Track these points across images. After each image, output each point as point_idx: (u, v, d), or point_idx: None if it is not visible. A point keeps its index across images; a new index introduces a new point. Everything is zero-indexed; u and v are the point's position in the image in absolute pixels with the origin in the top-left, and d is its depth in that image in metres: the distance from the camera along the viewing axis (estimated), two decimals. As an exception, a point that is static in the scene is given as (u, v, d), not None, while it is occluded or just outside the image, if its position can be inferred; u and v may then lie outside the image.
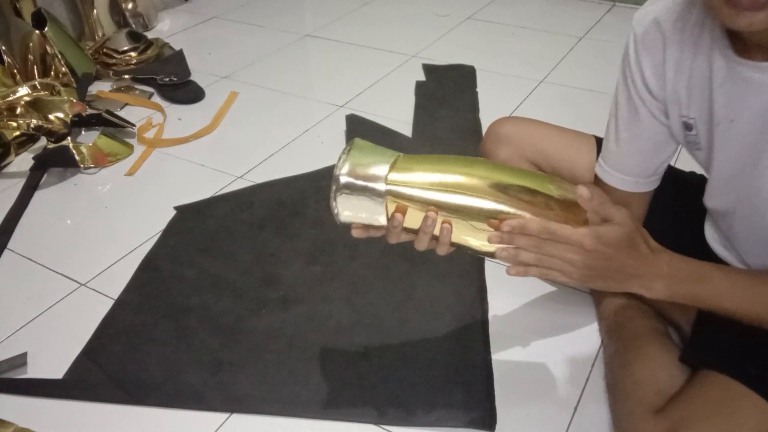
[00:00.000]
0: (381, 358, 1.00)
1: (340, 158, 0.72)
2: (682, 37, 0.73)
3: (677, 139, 0.82)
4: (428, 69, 1.92)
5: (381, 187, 0.71)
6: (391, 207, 0.72)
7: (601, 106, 1.68)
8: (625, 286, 0.75)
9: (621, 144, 0.85)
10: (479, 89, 1.80)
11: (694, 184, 0.99)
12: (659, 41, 0.75)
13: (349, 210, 0.73)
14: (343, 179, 0.71)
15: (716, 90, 0.71)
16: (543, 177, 0.75)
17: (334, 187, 0.71)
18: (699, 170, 1.02)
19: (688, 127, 0.77)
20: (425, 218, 0.71)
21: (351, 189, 0.71)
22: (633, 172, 0.87)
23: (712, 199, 0.81)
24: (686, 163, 0.94)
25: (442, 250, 0.74)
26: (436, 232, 0.73)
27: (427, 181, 0.72)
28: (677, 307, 0.94)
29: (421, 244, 0.74)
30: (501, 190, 0.71)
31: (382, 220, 0.73)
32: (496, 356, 1.00)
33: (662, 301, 0.95)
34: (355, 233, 0.76)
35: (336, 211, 0.73)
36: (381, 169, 0.71)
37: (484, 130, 1.59)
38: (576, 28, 2.17)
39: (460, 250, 0.76)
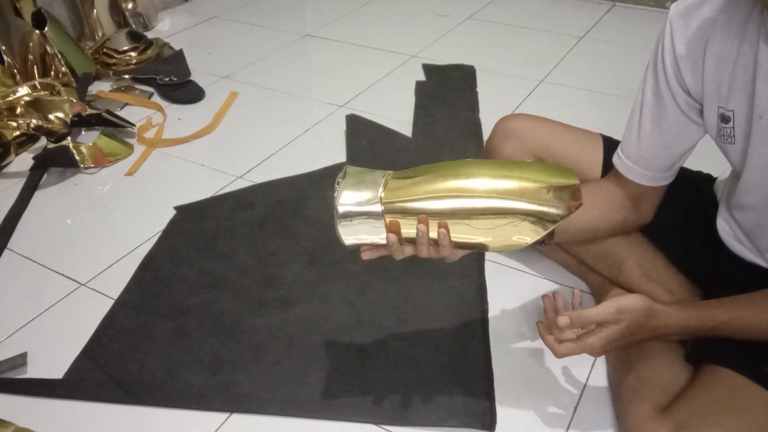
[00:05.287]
0: (381, 358, 1.00)
1: (335, 189, 0.75)
2: (727, 30, 0.72)
3: (709, 132, 0.81)
4: (428, 69, 1.92)
5: (377, 208, 0.73)
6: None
7: (601, 106, 1.70)
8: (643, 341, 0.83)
9: (644, 137, 0.86)
10: (479, 89, 1.80)
11: (703, 181, 1.00)
12: (701, 35, 0.75)
13: (353, 235, 0.76)
14: (341, 208, 0.74)
15: (760, 81, 0.70)
16: (528, 165, 0.75)
17: (335, 217, 0.74)
18: (705, 170, 1.03)
19: (724, 119, 0.77)
20: (417, 229, 0.73)
21: (350, 216, 0.74)
22: (653, 166, 0.87)
23: (746, 195, 0.80)
24: (691, 163, 0.94)
25: (445, 252, 0.75)
26: (434, 235, 0.74)
27: (419, 191, 0.73)
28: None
29: (422, 252, 0.76)
30: (489, 186, 0.72)
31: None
32: (496, 356, 1.00)
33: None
34: (365, 256, 0.79)
35: (341, 239, 0.76)
36: (374, 191, 0.74)
37: (484, 129, 1.60)
38: (576, 28, 2.17)
39: (466, 249, 0.77)
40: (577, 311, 0.78)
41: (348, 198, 0.74)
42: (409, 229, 0.74)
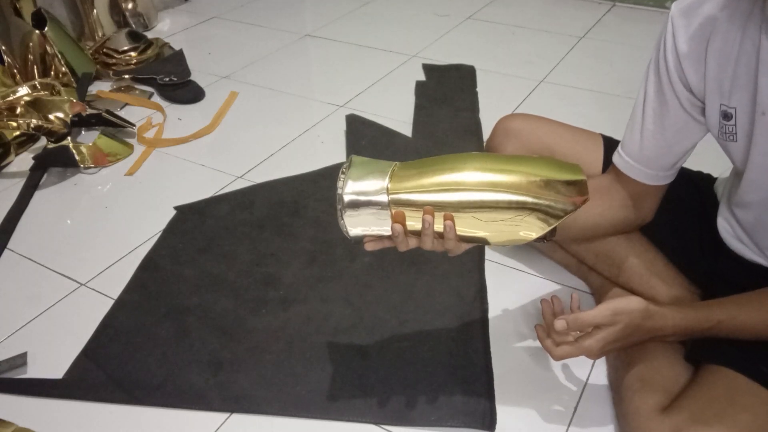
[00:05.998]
0: (381, 357, 1.00)
1: (340, 178, 0.74)
2: (728, 27, 0.72)
3: (711, 130, 0.81)
4: (428, 69, 1.92)
5: (383, 198, 0.73)
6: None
7: (601, 106, 1.70)
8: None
9: (646, 136, 0.86)
10: (479, 89, 1.80)
11: (703, 180, 1.00)
12: (702, 33, 0.75)
13: (358, 226, 0.74)
14: (347, 197, 0.72)
15: (763, 78, 0.70)
16: (535, 160, 0.75)
17: (339, 207, 0.73)
18: (705, 170, 1.03)
19: (726, 116, 0.77)
20: (423, 220, 0.73)
21: (356, 206, 0.73)
22: (654, 165, 0.87)
23: (748, 193, 0.80)
24: (691, 163, 0.94)
25: (449, 245, 0.75)
26: (440, 227, 0.73)
27: (426, 183, 0.73)
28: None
29: (426, 245, 0.76)
30: (496, 179, 0.72)
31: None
32: (496, 356, 1.00)
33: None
34: (368, 247, 0.78)
35: (345, 229, 0.75)
36: (381, 181, 0.73)
37: (484, 129, 1.60)
38: (576, 28, 2.17)
39: (470, 243, 0.77)
40: (574, 314, 0.78)
41: (354, 187, 0.73)
42: (414, 220, 0.73)
